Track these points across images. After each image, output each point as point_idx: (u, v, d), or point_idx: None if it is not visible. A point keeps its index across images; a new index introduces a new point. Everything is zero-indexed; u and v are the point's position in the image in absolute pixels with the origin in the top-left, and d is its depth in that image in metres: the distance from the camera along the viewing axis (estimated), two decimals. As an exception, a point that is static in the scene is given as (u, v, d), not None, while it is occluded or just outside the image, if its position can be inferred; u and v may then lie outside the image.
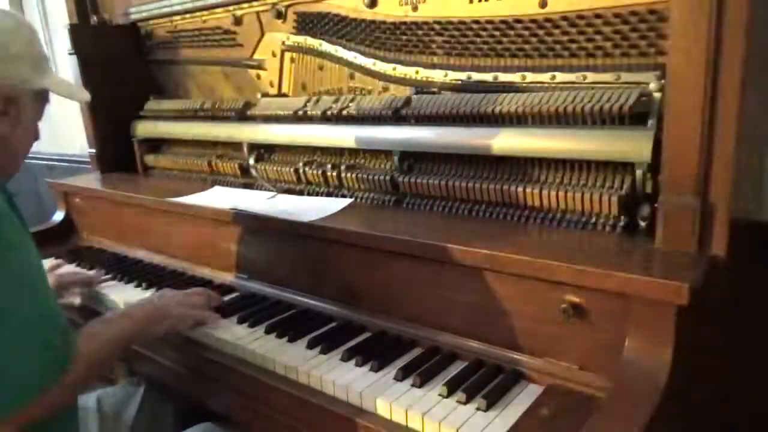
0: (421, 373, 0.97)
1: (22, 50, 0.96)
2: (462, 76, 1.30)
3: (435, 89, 1.34)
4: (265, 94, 1.68)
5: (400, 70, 1.40)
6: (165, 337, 1.15)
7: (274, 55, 1.70)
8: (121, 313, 1.11)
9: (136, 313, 1.12)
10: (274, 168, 1.60)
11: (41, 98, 1.04)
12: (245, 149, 1.67)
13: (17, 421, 0.85)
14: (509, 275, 0.96)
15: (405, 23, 1.36)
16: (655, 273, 0.84)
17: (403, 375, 0.98)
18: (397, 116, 1.33)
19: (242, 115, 1.68)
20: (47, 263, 1.56)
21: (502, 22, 1.20)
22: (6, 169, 1.04)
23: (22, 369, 0.84)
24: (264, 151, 1.66)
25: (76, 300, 1.39)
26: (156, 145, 2.05)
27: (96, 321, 1.06)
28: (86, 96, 1.17)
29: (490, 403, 0.89)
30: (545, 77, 1.17)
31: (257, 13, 1.68)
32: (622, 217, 1.04)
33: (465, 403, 0.90)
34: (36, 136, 1.08)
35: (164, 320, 1.12)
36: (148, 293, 1.41)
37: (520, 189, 1.13)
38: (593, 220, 1.07)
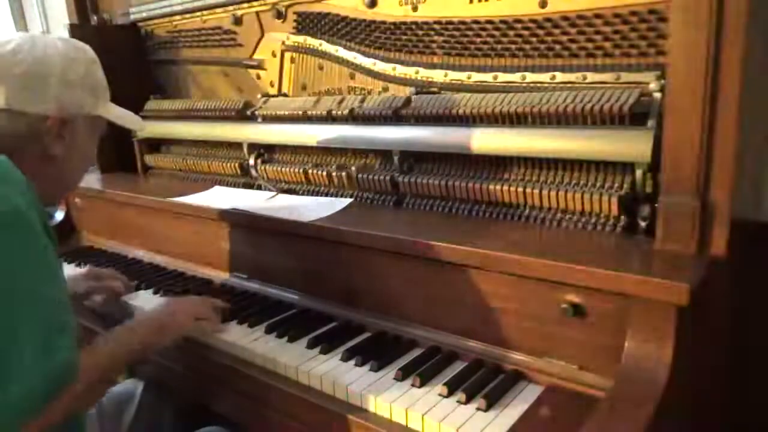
0: (421, 373, 0.97)
1: (80, 77, 1.00)
2: (462, 76, 1.30)
3: (435, 89, 1.34)
4: (265, 94, 1.68)
5: (400, 70, 1.40)
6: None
7: (274, 55, 1.70)
8: (125, 328, 1.09)
9: (140, 327, 1.10)
10: (274, 168, 1.60)
11: (96, 126, 1.07)
12: (245, 149, 1.67)
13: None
14: (509, 275, 0.96)
15: (405, 23, 1.36)
16: (655, 273, 0.83)
17: (403, 375, 0.98)
18: (397, 116, 1.33)
19: (242, 115, 1.68)
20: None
21: (502, 22, 1.21)
22: (54, 194, 1.08)
23: (23, 382, 0.80)
24: (264, 151, 1.66)
25: (98, 298, 1.39)
26: (156, 145, 2.05)
27: (100, 338, 1.05)
28: (141, 124, 1.21)
29: (490, 403, 0.89)
30: (545, 77, 1.17)
31: (257, 13, 1.68)
32: (622, 217, 1.04)
33: (465, 403, 0.90)
34: (91, 163, 1.12)
35: (169, 332, 1.12)
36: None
37: (520, 189, 1.13)
38: (593, 220, 1.07)
